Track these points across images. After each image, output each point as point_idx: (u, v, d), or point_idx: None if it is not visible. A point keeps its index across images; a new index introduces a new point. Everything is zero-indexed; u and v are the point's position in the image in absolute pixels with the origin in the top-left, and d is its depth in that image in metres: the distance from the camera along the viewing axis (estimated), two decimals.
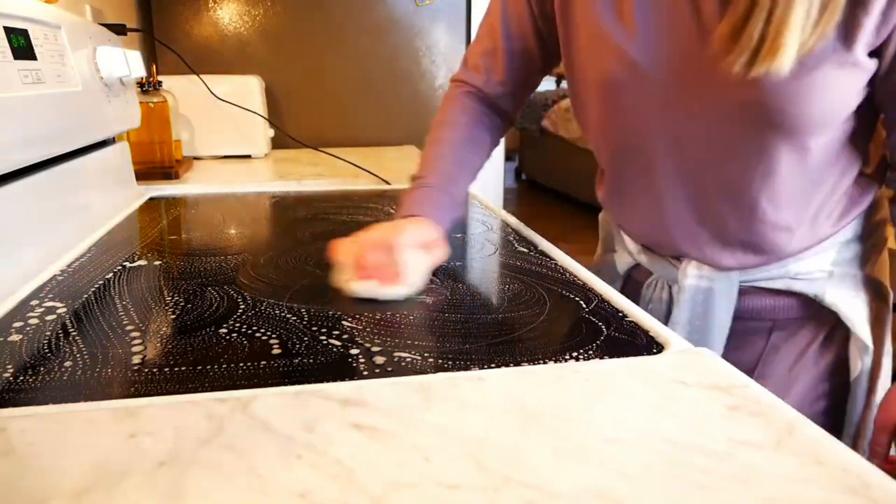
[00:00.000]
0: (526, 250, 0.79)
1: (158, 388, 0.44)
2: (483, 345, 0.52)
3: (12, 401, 0.42)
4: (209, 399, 0.42)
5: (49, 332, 0.53)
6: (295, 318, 0.57)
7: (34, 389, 0.43)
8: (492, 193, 1.89)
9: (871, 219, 0.70)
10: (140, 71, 1.08)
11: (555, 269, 0.71)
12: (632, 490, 0.33)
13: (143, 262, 0.73)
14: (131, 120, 1.09)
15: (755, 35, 0.52)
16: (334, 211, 1.01)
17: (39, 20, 0.76)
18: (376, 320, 0.56)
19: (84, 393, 0.43)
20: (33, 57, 0.71)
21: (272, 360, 0.48)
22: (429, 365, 0.48)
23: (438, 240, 0.67)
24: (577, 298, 0.62)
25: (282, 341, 0.52)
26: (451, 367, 0.47)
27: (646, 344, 0.52)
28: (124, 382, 0.45)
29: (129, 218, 0.96)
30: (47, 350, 0.50)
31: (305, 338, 0.52)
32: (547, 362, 0.48)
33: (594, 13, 0.64)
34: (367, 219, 0.95)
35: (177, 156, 1.35)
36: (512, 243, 0.83)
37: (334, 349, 0.50)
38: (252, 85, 1.53)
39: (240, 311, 0.58)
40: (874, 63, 0.56)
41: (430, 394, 0.43)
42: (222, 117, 1.46)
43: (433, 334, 0.54)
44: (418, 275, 0.63)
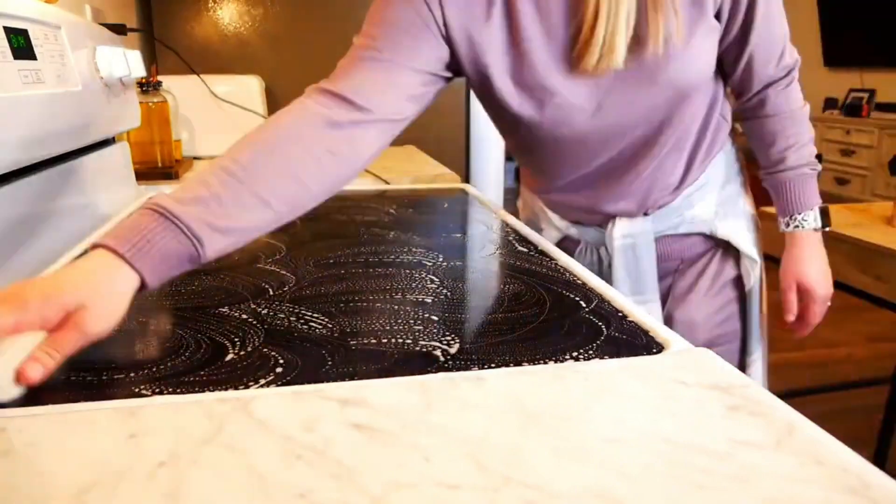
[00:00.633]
0: (526, 250, 0.79)
1: (158, 388, 0.44)
2: (483, 345, 0.52)
3: (12, 401, 0.42)
4: (209, 399, 0.42)
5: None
6: (295, 318, 0.56)
7: (34, 389, 0.43)
8: (492, 193, 1.89)
9: (735, 165, 0.88)
10: (140, 71, 1.08)
11: (555, 269, 0.71)
12: (632, 490, 0.33)
13: None
14: (131, 120, 1.09)
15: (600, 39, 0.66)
16: (334, 211, 1.01)
17: (39, 20, 0.76)
18: (377, 320, 0.56)
19: (84, 393, 0.43)
20: (33, 57, 0.71)
21: (272, 361, 0.48)
22: (429, 365, 0.48)
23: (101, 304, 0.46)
24: (577, 298, 0.62)
25: (283, 341, 0.52)
26: (451, 367, 0.47)
27: (646, 344, 0.52)
28: (124, 382, 0.45)
29: None
30: None
31: (306, 337, 0.52)
32: (547, 362, 0.48)
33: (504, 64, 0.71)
34: (368, 218, 0.95)
35: (177, 156, 1.35)
36: (512, 243, 0.83)
37: (335, 348, 0.50)
38: (252, 85, 1.53)
39: (240, 311, 0.58)
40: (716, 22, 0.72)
41: (430, 394, 0.43)
42: (222, 117, 1.46)
43: (433, 334, 0.54)
44: None
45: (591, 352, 0.50)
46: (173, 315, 0.58)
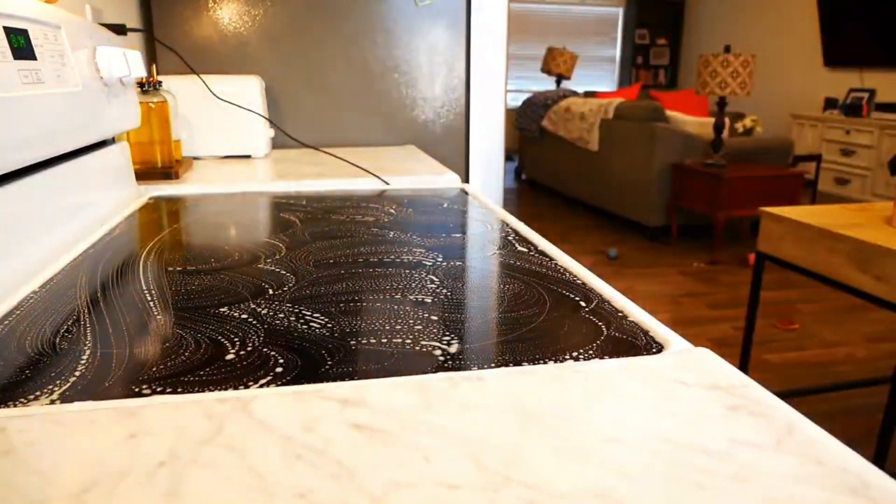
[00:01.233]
0: (526, 250, 0.79)
1: (158, 388, 0.44)
2: (483, 345, 0.52)
3: (12, 401, 0.42)
4: (209, 399, 0.42)
5: (50, 332, 0.53)
6: (294, 318, 0.57)
7: (34, 389, 0.43)
8: (492, 193, 1.89)
9: None
10: (140, 71, 1.08)
11: (555, 269, 0.71)
12: (632, 490, 0.33)
13: (143, 262, 0.73)
14: (131, 120, 1.09)
15: None
16: (334, 211, 1.01)
17: (39, 20, 0.76)
18: (377, 320, 0.56)
19: (84, 393, 0.43)
20: (33, 57, 0.71)
21: (272, 361, 0.48)
22: (429, 365, 0.48)
23: None
24: (577, 298, 0.62)
25: (282, 341, 0.52)
26: (451, 367, 0.47)
27: (646, 344, 0.52)
28: (124, 382, 0.45)
29: (129, 218, 0.96)
30: (48, 350, 0.50)
31: (306, 337, 0.52)
32: (547, 362, 0.48)
33: None
34: (367, 218, 0.95)
35: (177, 156, 1.35)
36: (512, 243, 0.83)
37: (335, 348, 0.50)
38: (252, 85, 1.53)
39: (240, 311, 0.58)
40: None
41: (430, 394, 0.43)
42: (222, 117, 1.46)
43: (433, 334, 0.54)
44: None
45: (591, 352, 0.50)
46: (173, 315, 0.58)
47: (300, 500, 0.32)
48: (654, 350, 0.51)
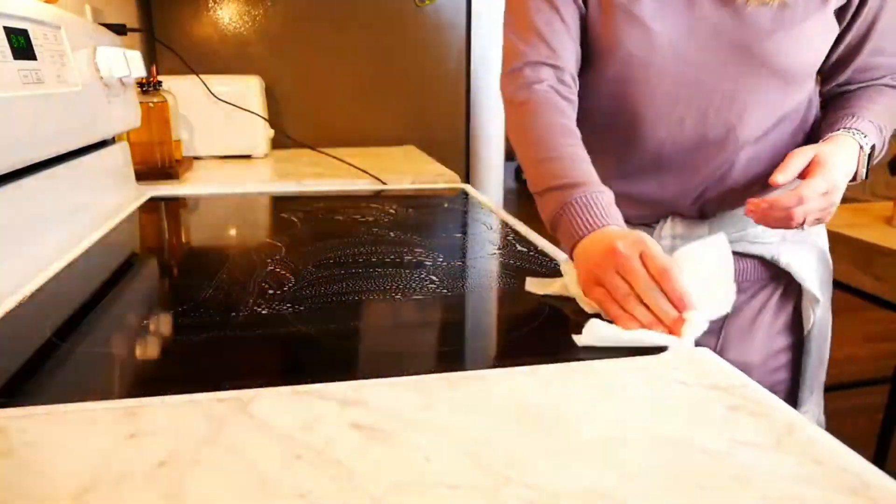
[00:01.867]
0: (526, 250, 0.79)
1: (158, 388, 0.44)
2: (483, 344, 0.52)
3: (12, 401, 0.42)
4: (209, 399, 0.42)
5: (50, 333, 0.53)
6: (295, 318, 0.56)
7: (34, 389, 0.43)
8: (492, 193, 1.89)
9: None
10: (140, 71, 1.08)
11: (555, 270, 0.71)
12: (632, 490, 0.33)
13: (143, 262, 0.73)
14: (131, 120, 1.09)
15: None
16: (334, 211, 1.01)
17: (39, 20, 0.76)
18: (377, 320, 0.56)
19: (84, 393, 0.43)
20: (33, 57, 0.71)
21: (273, 361, 0.48)
22: (429, 365, 0.48)
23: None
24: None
25: (283, 341, 0.52)
26: (451, 367, 0.47)
27: None
28: (124, 382, 0.45)
29: (129, 218, 0.96)
30: (48, 350, 0.50)
31: (306, 337, 0.52)
32: (547, 362, 0.48)
33: None
34: (368, 218, 0.95)
35: (177, 156, 1.35)
36: (512, 243, 0.83)
37: (335, 348, 0.50)
38: (252, 85, 1.53)
39: (240, 311, 0.58)
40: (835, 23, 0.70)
41: (430, 394, 0.43)
42: (222, 117, 1.46)
43: (433, 334, 0.54)
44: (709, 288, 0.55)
45: (592, 352, 0.50)
46: (173, 315, 0.58)
47: (300, 500, 0.32)
48: (655, 350, 0.51)
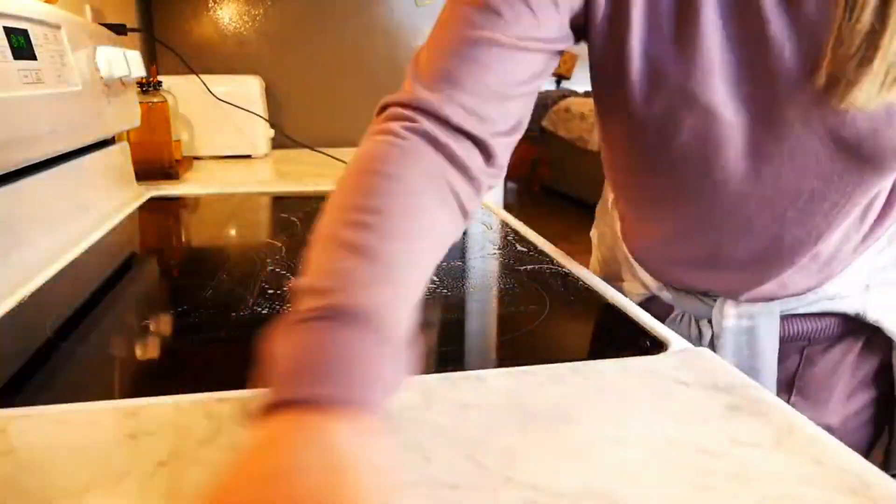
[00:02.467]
0: (526, 250, 0.79)
1: (158, 389, 0.44)
2: (483, 345, 0.52)
3: (12, 401, 0.42)
4: (209, 399, 0.42)
5: (50, 333, 0.53)
6: None
7: (34, 389, 0.43)
8: (492, 193, 1.89)
9: None
10: (140, 71, 1.08)
11: (555, 269, 0.71)
12: (632, 490, 0.33)
13: (143, 262, 0.73)
14: (131, 120, 1.09)
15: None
16: None
17: (39, 20, 0.76)
18: None
19: (84, 393, 0.43)
20: (33, 57, 0.71)
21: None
22: (429, 365, 0.48)
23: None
24: (578, 298, 0.62)
25: None
26: (451, 367, 0.47)
27: (646, 344, 0.52)
28: (124, 382, 0.45)
29: (129, 218, 0.96)
30: (48, 350, 0.50)
31: None
32: (547, 362, 0.48)
33: (656, 43, 0.51)
34: None
35: (177, 156, 1.35)
36: (512, 243, 0.83)
37: None
38: (252, 85, 1.53)
39: (240, 311, 0.58)
40: None
41: (430, 394, 0.43)
42: (222, 117, 1.46)
43: (433, 334, 0.54)
44: None
45: (592, 351, 0.50)
46: (173, 316, 0.58)
47: None
48: (655, 350, 0.51)
